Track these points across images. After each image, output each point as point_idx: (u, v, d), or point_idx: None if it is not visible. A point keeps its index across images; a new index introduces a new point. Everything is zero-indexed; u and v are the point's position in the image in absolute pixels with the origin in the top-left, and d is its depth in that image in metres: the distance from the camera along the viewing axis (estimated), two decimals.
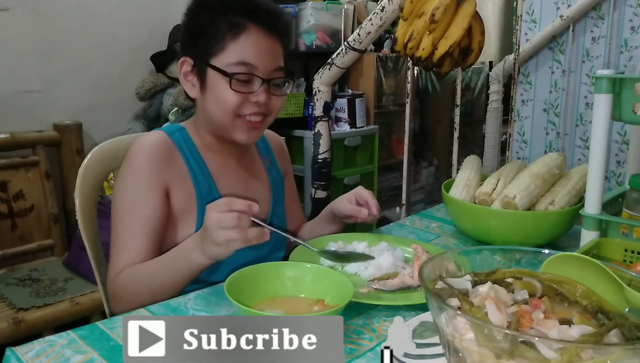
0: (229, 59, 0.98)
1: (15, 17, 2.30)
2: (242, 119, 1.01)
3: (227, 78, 0.98)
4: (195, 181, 1.04)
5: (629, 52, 2.24)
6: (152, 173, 0.99)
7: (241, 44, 0.98)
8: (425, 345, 0.71)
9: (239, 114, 1.01)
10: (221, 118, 1.01)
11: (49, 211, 2.31)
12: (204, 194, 1.04)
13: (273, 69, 1.02)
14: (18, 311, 1.84)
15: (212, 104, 1.01)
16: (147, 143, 1.02)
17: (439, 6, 1.62)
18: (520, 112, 2.56)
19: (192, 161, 1.05)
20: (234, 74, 0.98)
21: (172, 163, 1.02)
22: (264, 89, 1.00)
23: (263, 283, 0.85)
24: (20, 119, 2.33)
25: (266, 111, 1.03)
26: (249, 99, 1.00)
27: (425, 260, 0.67)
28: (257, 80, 0.99)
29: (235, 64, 0.98)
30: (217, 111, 1.01)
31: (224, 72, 0.98)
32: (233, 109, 0.99)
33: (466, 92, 4.00)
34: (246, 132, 1.03)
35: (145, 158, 1.00)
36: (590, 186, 1.03)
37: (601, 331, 0.55)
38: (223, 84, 0.98)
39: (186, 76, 1.04)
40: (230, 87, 0.98)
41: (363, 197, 1.15)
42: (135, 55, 2.65)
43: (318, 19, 3.05)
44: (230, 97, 0.98)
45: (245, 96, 0.99)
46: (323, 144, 2.13)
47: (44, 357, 0.71)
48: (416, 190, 3.81)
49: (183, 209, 1.03)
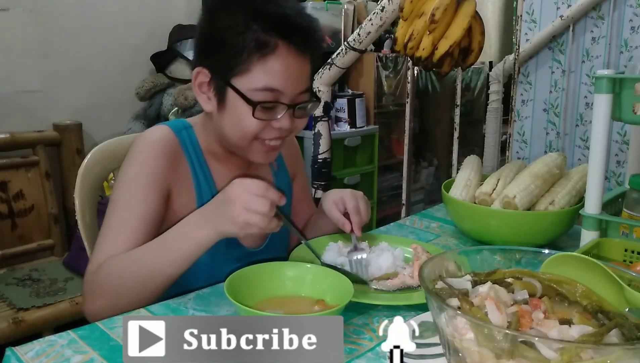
0: (254, 83, 0.89)
1: (15, 17, 2.30)
2: (261, 142, 0.94)
3: (250, 106, 0.89)
4: (198, 189, 0.99)
5: (629, 52, 2.24)
6: (157, 172, 0.94)
7: (269, 68, 0.88)
8: (425, 345, 0.71)
9: (258, 138, 0.94)
10: (238, 141, 0.94)
11: (49, 211, 2.31)
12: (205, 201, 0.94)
13: (300, 92, 0.93)
14: (18, 311, 1.84)
15: (229, 126, 0.93)
16: (154, 138, 0.96)
17: (439, 6, 1.62)
18: (520, 112, 2.56)
19: (197, 167, 1.00)
20: (259, 102, 0.89)
21: (177, 166, 0.97)
22: (288, 115, 0.92)
23: (263, 283, 0.85)
24: (20, 119, 2.33)
25: (287, 134, 0.96)
26: (271, 125, 0.92)
27: (425, 260, 0.67)
28: (282, 107, 0.91)
29: (260, 90, 0.89)
30: (234, 133, 0.93)
31: (248, 99, 0.89)
32: (253, 135, 0.92)
33: (466, 92, 4.00)
34: (264, 154, 0.96)
35: (151, 154, 0.94)
36: (590, 186, 1.03)
37: (601, 331, 0.55)
38: (245, 109, 0.89)
39: (201, 87, 0.95)
40: (253, 115, 0.89)
41: (348, 208, 1.05)
42: (135, 55, 2.65)
43: (318, 19, 3.05)
44: (251, 123, 0.90)
45: (267, 123, 0.91)
46: (323, 144, 2.13)
47: (44, 357, 0.71)
48: (416, 190, 3.81)
49: (181, 215, 0.94)
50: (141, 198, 0.93)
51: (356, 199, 1.06)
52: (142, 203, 0.93)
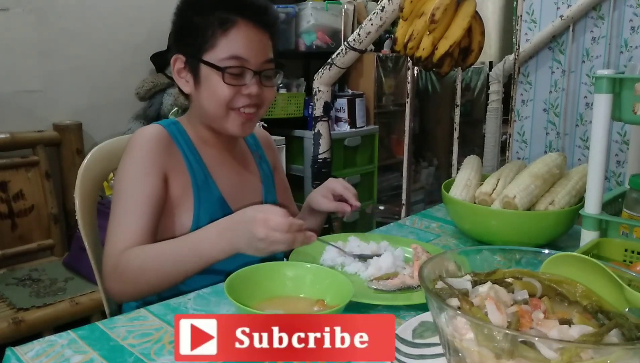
0: (221, 54, 1.02)
1: (15, 17, 2.30)
2: (236, 112, 1.05)
3: (220, 72, 1.01)
4: (191, 172, 1.06)
5: (629, 52, 2.24)
6: (152, 159, 1.02)
7: (231, 39, 1.02)
8: (425, 345, 0.71)
9: (232, 107, 1.04)
10: (215, 111, 1.05)
11: (49, 211, 2.31)
12: (200, 184, 1.06)
13: (263, 61, 1.05)
14: (18, 311, 1.84)
15: (206, 98, 1.05)
16: (146, 133, 1.05)
17: (439, 6, 1.62)
18: (520, 112, 2.56)
19: (188, 152, 1.08)
20: (227, 68, 1.01)
21: (170, 153, 1.06)
22: (255, 81, 1.04)
23: (263, 283, 0.85)
24: (20, 119, 2.33)
25: (258, 103, 1.06)
26: (241, 92, 1.03)
27: (425, 260, 0.67)
28: (249, 73, 1.03)
29: (227, 59, 1.01)
30: (211, 104, 1.04)
31: (217, 66, 1.01)
32: (226, 101, 1.03)
33: (466, 92, 4.00)
34: (240, 124, 1.06)
35: (145, 145, 1.03)
36: (590, 186, 1.03)
37: (601, 331, 0.55)
38: (216, 78, 1.02)
39: (179, 72, 1.08)
40: (224, 81, 1.01)
41: (337, 192, 1.17)
42: (135, 55, 2.65)
43: (318, 19, 3.05)
44: (223, 90, 1.02)
45: (237, 88, 1.03)
46: (323, 144, 2.13)
47: (44, 357, 0.71)
48: (416, 190, 3.81)
49: (180, 198, 1.05)
50: (143, 181, 1.01)
51: (338, 182, 1.19)
52: (145, 185, 1.01)
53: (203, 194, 1.06)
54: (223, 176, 1.11)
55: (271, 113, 2.95)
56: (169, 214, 1.04)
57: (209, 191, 1.07)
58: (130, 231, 0.97)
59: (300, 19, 3.05)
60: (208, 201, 1.06)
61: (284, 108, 3.02)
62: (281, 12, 2.92)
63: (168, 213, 1.04)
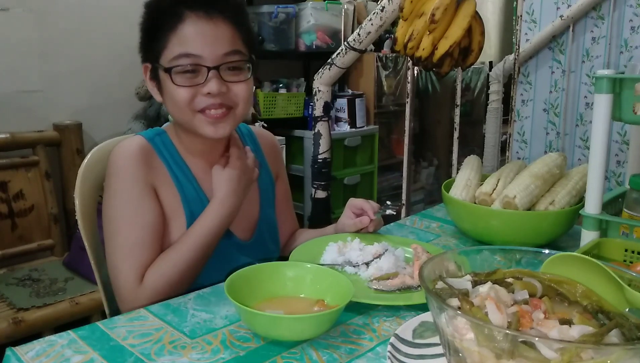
0: (171, 53, 0.94)
1: (15, 17, 2.30)
2: (203, 114, 0.96)
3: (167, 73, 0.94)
4: (179, 186, 1.01)
5: (629, 52, 2.24)
6: (140, 178, 0.97)
7: (180, 35, 0.93)
8: (425, 345, 0.71)
9: (196, 110, 0.96)
10: (181, 116, 0.98)
11: (49, 211, 2.31)
12: (190, 198, 1.01)
13: (223, 53, 0.95)
14: (18, 311, 1.84)
15: (169, 105, 0.99)
16: (127, 148, 0.99)
17: (439, 6, 1.62)
18: (520, 112, 2.56)
19: (173, 165, 1.02)
20: (172, 67, 0.93)
21: (154, 168, 1.00)
22: (214, 77, 0.94)
23: (263, 283, 0.85)
24: (20, 119, 2.33)
25: (227, 102, 0.97)
26: (200, 92, 0.94)
27: (425, 260, 0.67)
28: (202, 69, 0.94)
29: (176, 58, 0.93)
30: (174, 110, 0.98)
31: (165, 68, 0.94)
32: (186, 104, 0.95)
33: (466, 92, 4.00)
34: (211, 126, 0.97)
35: (128, 162, 0.98)
36: (591, 186, 1.03)
37: (601, 331, 0.55)
38: (170, 82, 0.94)
39: (150, 82, 1.02)
40: (173, 82, 0.93)
41: (357, 206, 1.14)
42: (135, 55, 2.63)
43: (318, 19, 3.05)
44: (178, 93, 0.94)
45: (194, 89, 0.94)
46: (323, 144, 2.13)
47: (44, 357, 0.71)
48: (416, 190, 3.81)
49: (169, 215, 1.00)
50: (141, 207, 0.97)
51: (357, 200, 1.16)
52: (144, 211, 0.97)
53: (195, 209, 1.01)
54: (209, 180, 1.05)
55: (271, 113, 2.95)
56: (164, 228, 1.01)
57: (200, 205, 1.02)
58: (142, 263, 0.94)
59: (300, 19, 3.05)
60: None
61: (284, 108, 3.02)
62: (281, 12, 2.92)
63: None
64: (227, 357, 0.73)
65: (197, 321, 0.82)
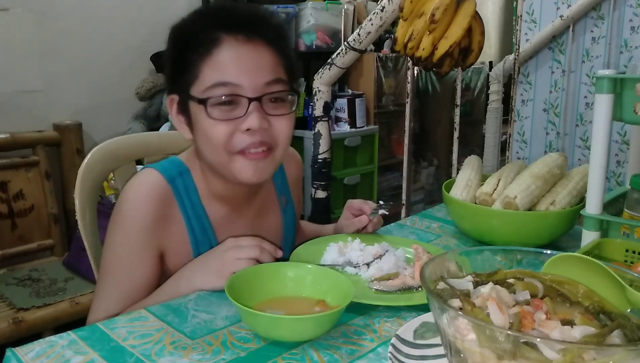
0: (205, 83, 0.82)
1: (15, 17, 2.30)
2: (242, 154, 0.85)
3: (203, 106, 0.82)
4: (193, 240, 0.94)
5: (629, 52, 2.24)
6: (146, 235, 0.89)
7: (216, 63, 0.82)
8: (426, 346, 0.71)
9: (234, 151, 0.84)
10: (215, 158, 0.86)
11: (49, 211, 2.31)
12: (202, 250, 0.94)
13: (265, 82, 0.84)
14: (18, 311, 1.84)
15: (202, 143, 0.86)
16: (142, 195, 0.89)
17: (439, 6, 1.62)
18: (520, 112, 2.56)
19: (192, 215, 0.92)
20: (208, 98, 0.81)
21: (169, 222, 0.91)
22: (255, 110, 0.82)
23: (264, 283, 0.85)
24: (20, 119, 2.33)
25: (268, 140, 0.85)
26: (240, 128, 0.83)
27: (426, 261, 0.67)
28: (242, 100, 0.82)
29: (211, 88, 0.82)
30: (207, 149, 0.86)
31: (199, 99, 0.82)
32: (222, 143, 0.83)
33: (466, 92, 4.00)
34: (250, 168, 0.85)
35: (138, 216, 0.88)
36: (591, 186, 1.03)
37: (603, 332, 0.55)
38: (205, 116, 0.82)
39: (177, 116, 0.90)
40: (208, 116, 0.81)
41: (355, 207, 1.12)
42: (135, 55, 2.65)
43: (318, 19, 3.05)
44: (214, 129, 0.82)
45: (233, 124, 0.83)
46: (323, 144, 2.13)
47: (44, 358, 0.71)
48: (416, 190, 3.81)
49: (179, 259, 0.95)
50: (133, 266, 0.92)
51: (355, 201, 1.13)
52: (133, 271, 0.92)
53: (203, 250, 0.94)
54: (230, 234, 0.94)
55: None
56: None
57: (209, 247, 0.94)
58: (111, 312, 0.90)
59: (300, 19, 3.05)
60: None
61: None
62: (281, 12, 2.92)
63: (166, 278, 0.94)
64: (227, 358, 0.72)
65: (198, 321, 0.82)
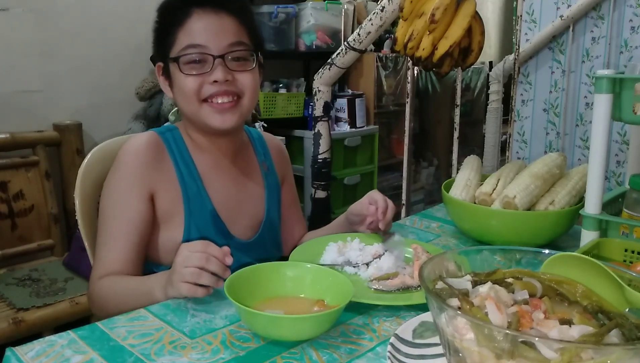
0: (179, 47, 1.00)
1: (15, 17, 2.30)
2: (208, 103, 1.01)
3: (176, 63, 0.99)
4: (182, 184, 1.03)
5: (629, 52, 2.24)
6: (138, 177, 1.00)
7: (188, 29, 0.99)
8: (425, 345, 0.71)
9: (203, 99, 1.00)
10: (189, 107, 1.02)
11: (49, 211, 2.31)
12: (192, 197, 1.03)
13: (228, 44, 1.00)
14: (18, 311, 1.84)
15: (178, 97, 1.03)
16: (136, 144, 1.02)
17: (439, 6, 1.62)
18: (520, 112, 2.56)
19: (180, 162, 1.05)
20: (181, 56, 0.99)
21: (160, 166, 1.03)
22: (220, 65, 0.99)
23: (263, 283, 0.85)
24: (20, 119, 2.33)
25: (234, 90, 1.01)
26: (207, 80, 0.99)
27: (425, 260, 0.67)
28: (208, 58, 0.99)
29: (184, 49, 0.99)
30: (183, 101, 1.02)
31: (174, 58, 1.00)
32: (193, 93, 0.99)
33: (466, 92, 4.00)
34: (218, 115, 1.01)
35: (131, 160, 1.01)
36: (590, 186, 1.03)
37: (601, 331, 0.55)
38: (179, 73, 1.00)
39: (162, 79, 1.07)
40: (181, 71, 0.99)
41: (374, 198, 1.13)
42: (135, 55, 2.65)
43: (318, 19, 3.05)
44: (186, 82, 0.99)
45: (202, 77, 0.99)
46: (323, 144, 2.13)
47: (44, 357, 0.71)
48: (416, 190, 3.81)
49: (170, 212, 1.02)
50: (127, 204, 1.00)
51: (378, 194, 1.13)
52: (128, 209, 0.99)
53: (194, 207, 1.03)
54: (218, 186, 1.07)
55: (271, 113, 2.95)
56: (159, 229, 1.03)
57: (201, 203, 1.04)
58: (110, 258, 0.98)
59: (300, 19, 3.05)
60: (199, 215, 1.03)
61: (284, 108, 3.02)
62: (281, 12, 2.92)
63: (158, 227, 1.03)
64: (227, 357, 0.73)
65: (197, 321, 0.82)
